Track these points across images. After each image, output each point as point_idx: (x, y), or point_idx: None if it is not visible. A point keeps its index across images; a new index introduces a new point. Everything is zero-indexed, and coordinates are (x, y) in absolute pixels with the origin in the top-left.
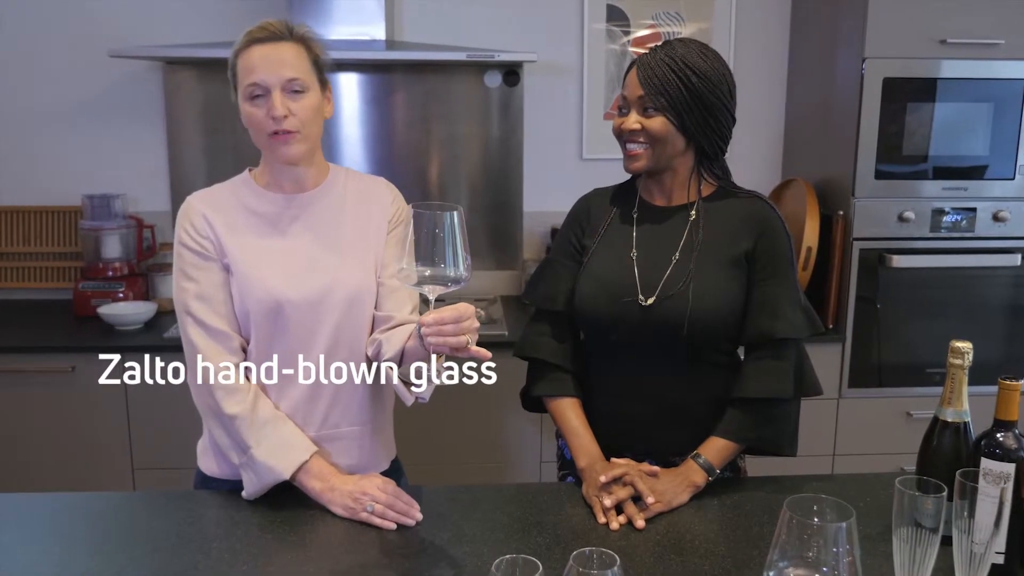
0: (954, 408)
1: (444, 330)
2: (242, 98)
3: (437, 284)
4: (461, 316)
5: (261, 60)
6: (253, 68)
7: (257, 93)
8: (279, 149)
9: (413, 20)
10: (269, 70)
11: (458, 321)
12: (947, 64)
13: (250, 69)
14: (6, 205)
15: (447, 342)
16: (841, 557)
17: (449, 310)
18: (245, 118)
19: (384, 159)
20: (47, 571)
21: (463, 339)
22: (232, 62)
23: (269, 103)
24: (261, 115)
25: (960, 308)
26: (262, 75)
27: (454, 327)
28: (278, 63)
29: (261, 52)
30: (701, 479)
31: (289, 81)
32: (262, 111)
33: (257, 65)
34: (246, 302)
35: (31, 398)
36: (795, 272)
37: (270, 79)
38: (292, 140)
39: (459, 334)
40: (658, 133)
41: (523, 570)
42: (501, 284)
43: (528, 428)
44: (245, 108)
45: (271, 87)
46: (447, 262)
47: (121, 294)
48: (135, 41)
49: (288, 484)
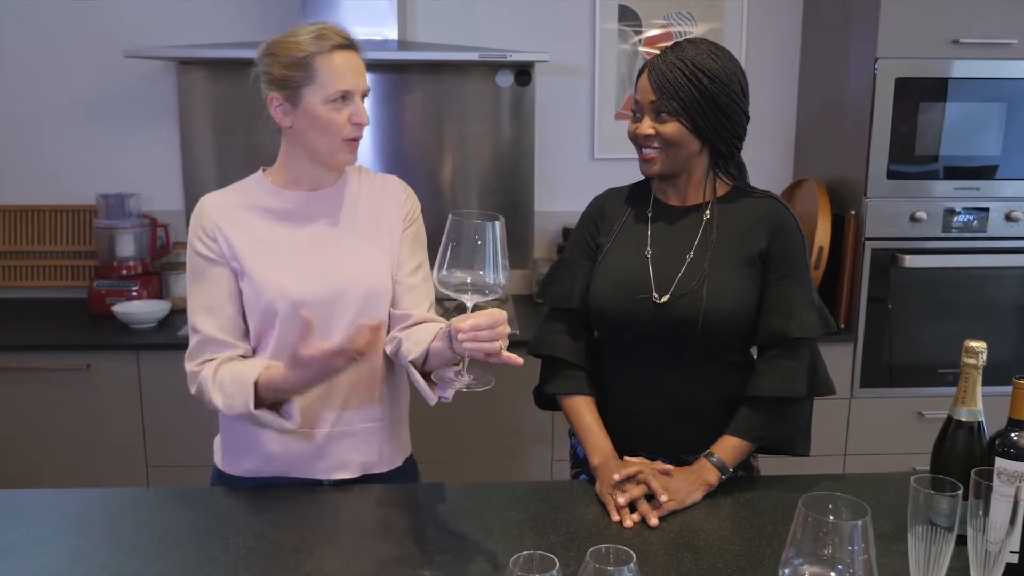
0: (968, 407)
1: (480, 336)
2: (319, 99)
3: (476, 292)
4: (496, 322)
5: (350, 66)
6: (343, 73)
7: (343, 99)
8: (348, 155)
9: (425, 20)
10: (356, 77)
11: (493, 327)
12: (959, 64)
13: (340, 74)
14: (22, 204)
15: (482, 348)
16: (856, 555)
17: (484, 316)
18: (320, 121)
19: (396, 159)
20: (67, 566)
21: (496, 345)
22: (305, 61)
23: (353, 109)
24: (342, 119)
25: (972, 308)
26: (353, 81)
27: (489, 333)
28: (361, 72)
29: (347, 58)
30: (714, 478)
31: (367, 91)
32: (343, 116)
33: (346, 71)
34: (260, 302)
35: (46, 396)
36: (809, 272)
37: (358, 86)
38: (357, 147)
39: (493, 340)
40: (672, 138)
41: (540, 566)
42: (513, 284)
43: (540, 427)
44: (322, 111)
45: (355, 94)
46: (487, 270)
47: (135, 292)
48: (149, 41)
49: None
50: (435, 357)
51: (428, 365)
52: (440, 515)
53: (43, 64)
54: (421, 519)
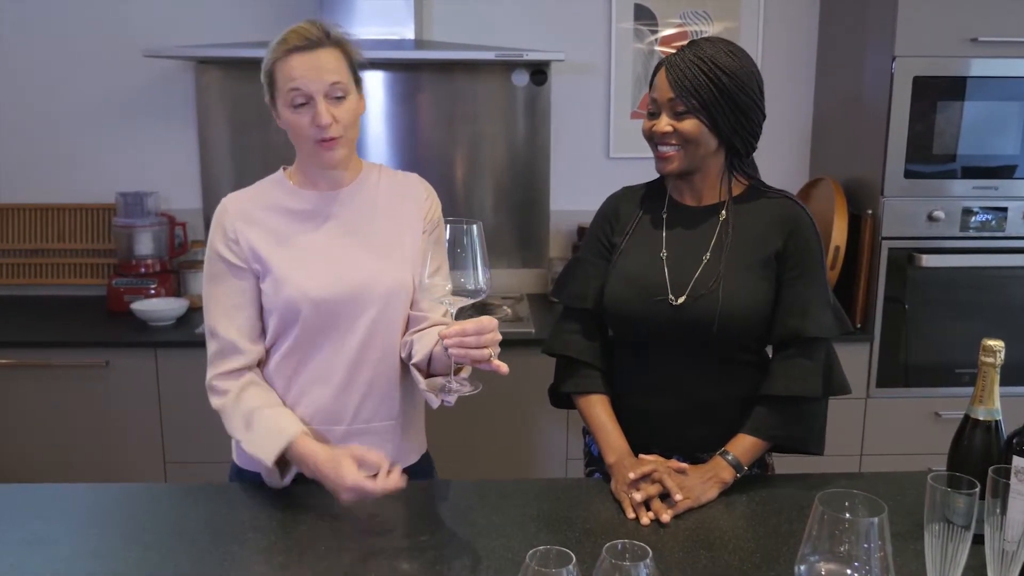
0: (986, 406)
1: (466, 342)
2: (283, 105)
3: (457, 296)
4: (483, 329)
5: (302, 68)
6: (294, 76)
7: (300, 101)
8: (324, 155)
9: (441, 19)
10: (311, 78)
11: (480, 334)
12: (977, 63)
13: (291, 77)
14: (42, 203)
15: (469, 355)
16: (872, 553)
17: (471, 323)
18: (288, 125)
19: (411, 158)
20: (90, 560)
21: (485, 352)
22: (268, 69)
23: (314, 111)
24: (305, 123)
25: (990, 308)
26: (304, 83)
27: (476, 339)
28: (319, 70)
29: (301, 60)
30: (729, 476)
31: (331, 87)
32: (306, 119)
33: (299, 73)
34: (281, 302)
35: (66, 392)
36: (825, 272)
37: (313, 87)
38: (336, 145)
39: (481, 347)
40: (691, 135)
41: (556, 561)
42: (527, 282)
43: (554, 425)
44: (288, 115)
45: (314, 94)
46: (467, 275)
47: (153, 290)
48: (168, 41)
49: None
50: (437, 361)
51: (432, 368)
52: (456, 511)
53: (63, 64)
54: (437, 515)
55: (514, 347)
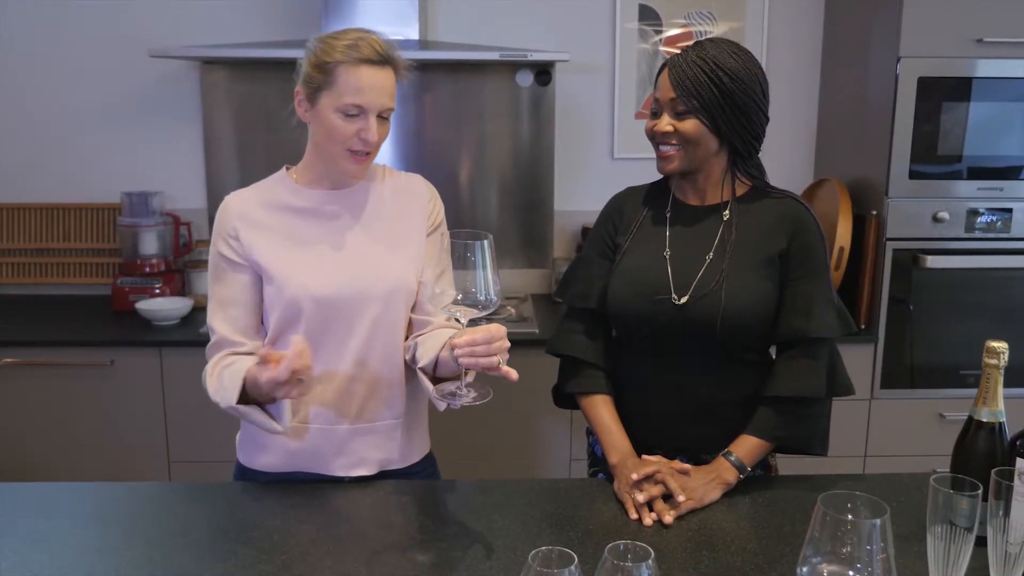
0: (989, 408)
1: (476, 351)
2: (331, 106)
3: (469, 307)
4: (492, 337)
5: (371, 83)
6: (361, 89)
7: (355, 112)
8: (352, 167)
9: (446, 20)
10: (375, 95)
11: (489, 343)
12: (983, 63)
13: (357, 89)
14: (47, 202)
15: (479, 363)
16: (875, 554)
17: (481, 331)
18: (328, 127)
19: (416, 158)
20: (96, 557)
21: (494, 360)
22: (328, 66)
23: (364, 125)
24: (350, 132)
25: (994, 309)
26: (369, 99)
27: (485, 348)
28: (383, 91)
29: (372, 74)
30: (732, 477)
31: (386, 110)
32: (352, 128)
33: (365, 87)
34: (283, 299)
35: (71, 391)
36: (828, 272)
37: (375, 104)
38: (366, 160)
39: (491, 355)
40: (691, 135)
41: (558, 562)
42: (532, 283)
43: (558, 426)
44: (332, 118)
45: (370, 111)
46: (478, 287)
47: (158, 290)
48: (174, 42)
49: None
50: (443, 366)
51: (438, 372)
52: (458, 511)
53: (69, 64)
54: (440, 515)
55: (518, 347)
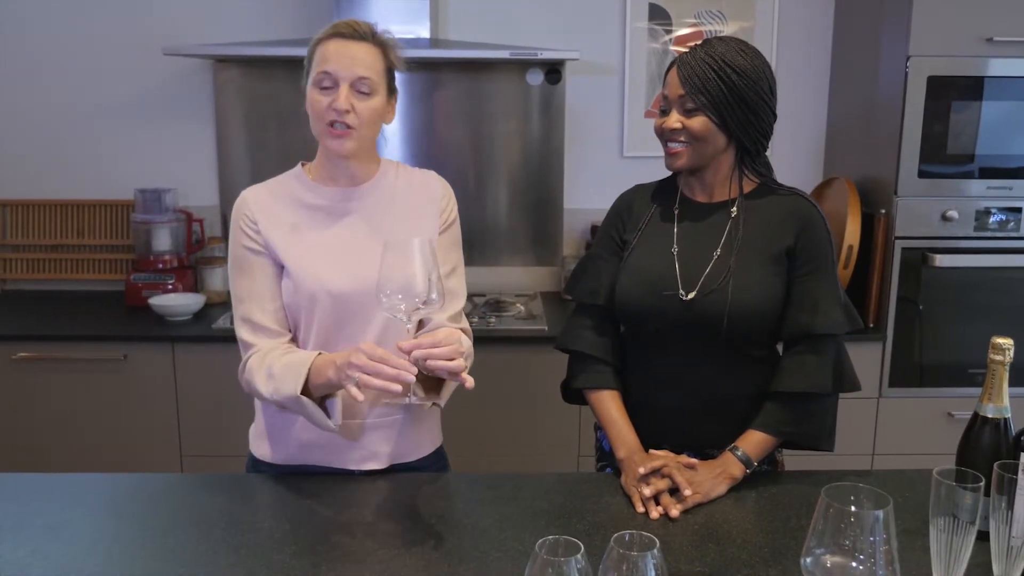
0: (994, 404)
1: (433, 353)
2: (311, 84)
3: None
4: (439, 342)
5: (337, 53)
6: (328, 58)
7: (326, 84)
8: (332, 141)
9: (457, 19)
10: (343, 64)
11: (436, 346)
12: (994, 62)
13: (325, 59)
14: (62, 199)
15: (439, 366)
16: (878, 546)
17: (427, 338)
18: (308, 103)
19: (426, 156)
20: (110, 546)
21: (458, 363)
22: (310, 49)
23: (335, 95)
24: (324, 103)
25: (1003, 308)
26: (335, 67)
27: (442, 350)
28: (353, 60)
29: (339, 45)
30: (739, 471)
31: (359, 79)
32: (326, 100)
33: (332, 57)
34: (298, 295)
35: (84, 385)
36: (836, 269)
37: (342, 72)
38: (347, 136)
39: (451, 358)
40: (699, 132)
41: (565, 551)
42: (541, 280)
43: (566, 421)
44: (311, 93)
45: (341, 80)
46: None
47: (171, 286)
48: (187, 40)
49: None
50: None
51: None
52: (468, 503)
53: (83, 62)
54: (450, 507)
55: (527, 344)
